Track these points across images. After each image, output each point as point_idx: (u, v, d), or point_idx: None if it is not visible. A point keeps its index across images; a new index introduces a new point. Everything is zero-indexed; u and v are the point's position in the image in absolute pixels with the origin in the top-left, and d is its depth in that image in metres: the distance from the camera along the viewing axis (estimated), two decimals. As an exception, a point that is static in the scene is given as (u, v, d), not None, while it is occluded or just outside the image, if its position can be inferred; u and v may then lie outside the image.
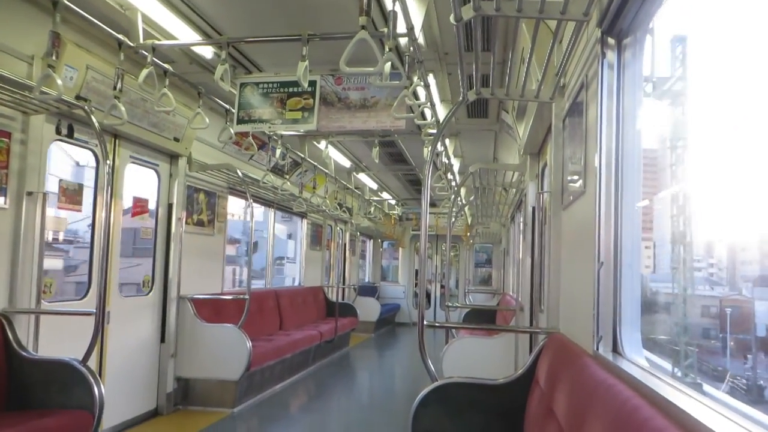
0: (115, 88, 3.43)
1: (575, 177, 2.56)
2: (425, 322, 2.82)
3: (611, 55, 2.01)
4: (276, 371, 6.11)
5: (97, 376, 3.12)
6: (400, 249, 14.68)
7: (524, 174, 5.04)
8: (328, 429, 5.06)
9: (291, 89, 4.29)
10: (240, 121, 4.37)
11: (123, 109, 3.41)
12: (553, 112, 3.07)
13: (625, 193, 1.97)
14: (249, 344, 5.04)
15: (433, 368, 2.80)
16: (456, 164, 7.46)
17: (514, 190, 6.52)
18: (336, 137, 6.51)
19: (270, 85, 4.32)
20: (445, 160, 6.29)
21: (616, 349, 1.85)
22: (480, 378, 2.78)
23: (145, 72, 3.41)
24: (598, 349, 1.89)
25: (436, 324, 3.52)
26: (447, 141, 6.50)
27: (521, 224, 5.45)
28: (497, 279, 13.72)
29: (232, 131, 4.54)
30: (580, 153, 2.45)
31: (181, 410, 5.05)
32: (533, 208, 4.67)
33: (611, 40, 2.02)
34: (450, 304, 6.43)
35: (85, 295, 4.07)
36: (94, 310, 3.19)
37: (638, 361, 1.72)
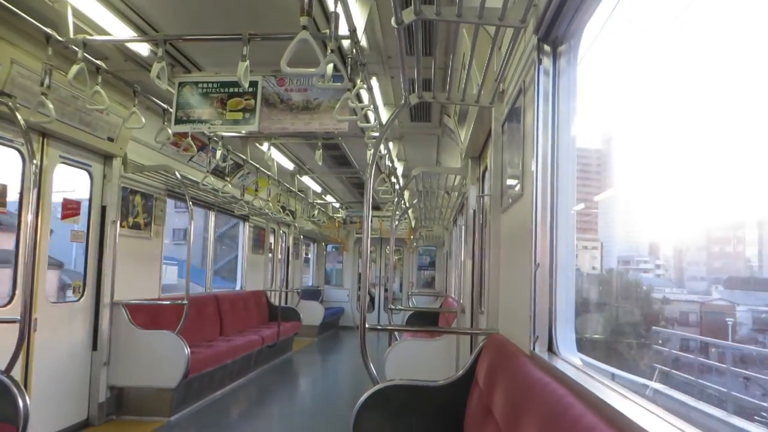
0: (42, 84, 3.26)
1: (514, 181, 2.62)
2: (367, 326, 2.81)
3: (547, 62, 2.07)
4: (216, 378, 5.97)
5: (22, 387, 2.94)
6: (344, 252, 14.64)
7: (466, 177, 5.13)
8: (269, 435, 4.98)
9: (232, 89, 4.20)
10: (178, 121, 4.24)
11: (51, 106, 3.25)
12: (493, 116, 3.14)
13: (560, 197, 2.04)
14: (187, 350, 4.89)
15: (374, 371, 2.80)
16: (399, 168, 7.52)
17: (456, 193, 6.63)
18: (279, 139, 6.44)
19: (210, 85, 4.22)
20: (388, 163, 6.32)
21: (551, 349, 1.90)
22: (421, 380, 2.80)
23: (75, 68, 3.26)
24: (534, 348, 1.94)
25: (379, 327, 3.53)
26: (390, 144, 6.54)
27: (462, 227, 5.54)
28: (440, 282, 13.92)
29: (169, 131, 4.41)
30: (518, 157, 2.52)
31: (114, 420, 4.85)
32: (474, 211, 4.76)
33: (547, 47, 2.08)
34: (393, 307, 6.46)
35: (9, 302, 3.84)
36: (19, 318, 3.01)
37: (572, 360, 1.77)
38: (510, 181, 2.76)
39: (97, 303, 4.84)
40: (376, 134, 5.10)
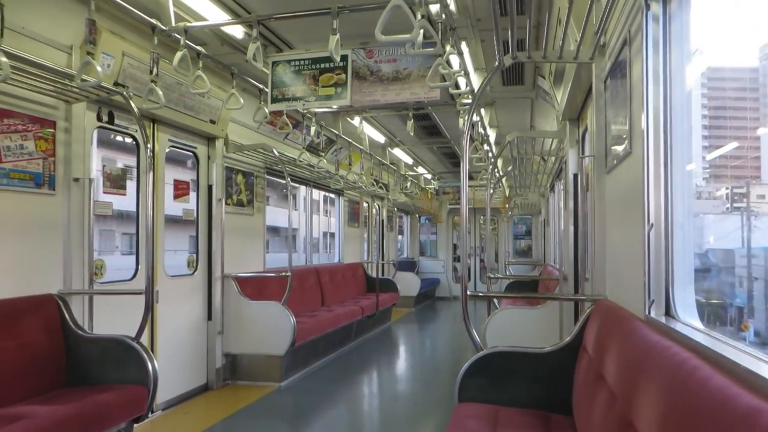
0: (151, 73, 3.47)
1: (620, 139, 2.48)
2: (468, 293, 2.79)
3: (656, 6, 1.91)
4: (320, 346, 6.22)
5: (150, 352, 3.23)
6: (438, 224, 14.62)
7: (563, 141, 4.91)
8: (375, 401, 5.13)
9: (323, 65, 4.26)
10: (274, 100, 4.38)
11: (160, 93, 3.46)
12: (594, 72, 2.96)
13: (674, 154, 1.89)
14: (293, 320, 5.13)
15: (477, 338, 2.79)
16: (492, 135, 7.34)
17: (553, 158, 6.38)
18: (369, 112, 6.48)
19: (302, 62, 4.30)
20: (480, 130, 6.19)
21: (669, 313, 1.79)
22: (525, 347, 2.76)
23: (179, 55, 3.44)
24: (650, 313, 1.84)
25: (480, 294, 3.46)
26: (482, 111, 6.39)
27: (562, 192, 5.34)
28: (537, 251, 13.56)
29: (266, 111, 4.57)
30: (624, 114, 2.37)
31: (230, 385, 5.20)
32: (574, 175, 4.56)
33: (656, -10, 1.92)
34: (491, 275, 6.38)
35: (134, 276, 4.20)
36: (143, 290, 3.28)
37: (693, 324, 1.66)
38: (615, 140, 2.61)
39: (209, 276, 5.18)
40: (468, 101, 5.00)
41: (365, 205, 10.21)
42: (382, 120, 7.19)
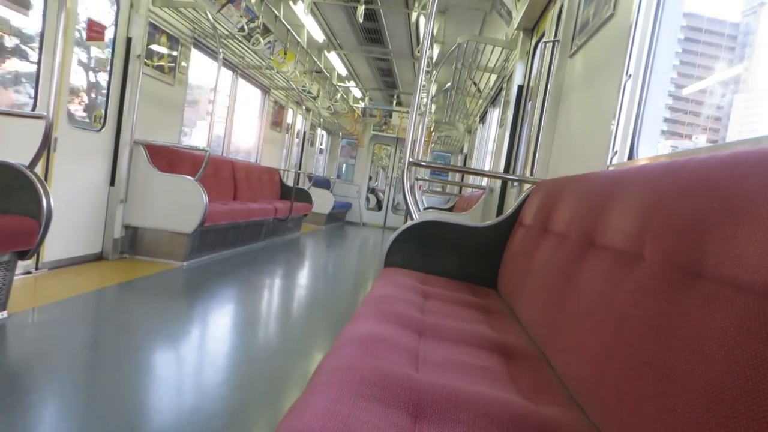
0: None
1: (592, 17, 2.39)
2: (411, 159, 2.66)
3: None
4: (228, 236, 5.95)
5: (45, 184, 2.86)
6: (359, 148, 14.43)
7: (513, 51, 4.84)
8: (281, 289, 5.00)
9: None
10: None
11: None
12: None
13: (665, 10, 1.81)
14: (205, 197, 4.82)
15: (412, 203, 2.69)
16: (435, 51, 7.17)
17: (492, 79, 6.33)
18: (315, -2, 6.06)
19: None
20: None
21: (631, 159, 1.75)
22: (459, 221, 2.69)
23: None
24: (611, 164, 1.79)
25: (422, 162, 3.22)
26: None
27: (499, 109, 5.32)
28: (453, 188, 13.79)
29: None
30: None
31: (127, 258, 4.85)
32: (519, 87, 4.52)
33: None
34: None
35: (34, 107, 3.69)
36: (45, 113, 2.87)
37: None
38: (584, 22, 2.52)
39: (117, 138, 4.71)
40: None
41: (290, 111, 9.78)
42: (326, 12, 6.78)
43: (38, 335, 2.71)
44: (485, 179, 5.64)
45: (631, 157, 1.76)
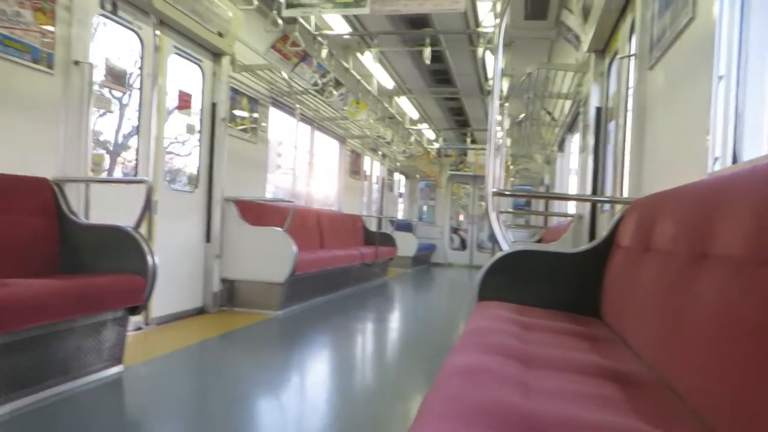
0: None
1: (669, 27, 2.30)
2: (493, 189, 2.62)
3: None
4: (319, 283, 6.07)
5: (149, 242, 3.05)
6: (438, 189, 14.46)
7: (586, 74, 4.73)
8: (375, 334, 5.00)
9: (344, -30, 4.04)
10: (289, 5, 4.15)
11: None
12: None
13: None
14: (294, 247, 4.96)
15: (502, 234, 2.63)
16: (505, 85, 7.14)
17: (567, 106, 6.20)
18: (382, 46, 6.24)
19: (322, -34, 4.08)
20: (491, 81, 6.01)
21: (736, 163, 1.64)
22: (550, 249, 2.60)
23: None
24: (714, 170, 1.68)
25: (506, 192, 3.11)
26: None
27: (579, 133, 5.17)
28: (537, 221, 13.44)
29: (279, 21, 4.35)
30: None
31: (226, 311, 5.05)
32: (597, 109, 4.40)
33: None
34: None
35: (135, 176, 3.99)
36: (146, 178, 3.09)
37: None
38: (661, 32, 2.43)
39: (209, 197, 4.98)
40: (489, 29, 4.81)
41: (367, 158, 10.01)
42: (393, 60, 6.96)
43: (151, 386, 2.85)
44: (571, 208, 5.46)
45: (735, 160, 1.64)
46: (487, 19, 4.42)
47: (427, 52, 5.12)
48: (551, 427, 0.91)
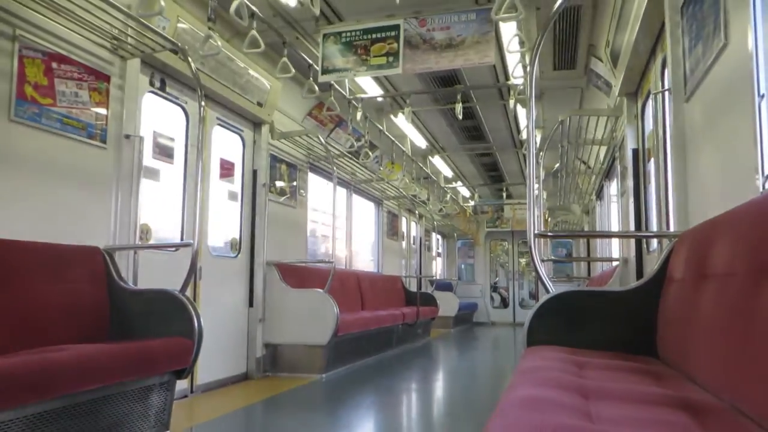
0: (209, 20, 3.45)
1: (702, 58, 2.31)
2: (536, 231, 2.59)
3: None
4: (362, 345, 5.99)
5: (195, 305, 3.10)
6: (476, 247, 14.34)
7: (619, 119, 4.73)
8: (422, 398, 4.86)
9: (374, 35, 4.23)
10: (324, 72, 4.34)
11: (218, 42, 3.43)
12: (666, 4, 2.82)
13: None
14: (336, 308, 4.95)
15: (546, 277, 2.58)
16: (537, 137, 7.19)
17: (602, 153, 6.18)
18: (415, 107, 6.40)
19: (353, 33, 4.28)
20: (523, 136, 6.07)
21: (790, 182, 1.59)
22: (599, 288, 2.53)
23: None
24: (765, 188, 1.63)
25: (549, 233, 3.07)
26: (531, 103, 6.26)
27: (617, 177, 5.12)
28: (580, 272, 13.12)
29: (315, 87, 4.54)
30: (709, 28, 2.21)
31: (270, 376, 5.00)
32: (634, 151, 4.37)
33: None
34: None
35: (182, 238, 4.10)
36: (192, 241, 3.18)
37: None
38: (694, 64, 2.44)
39: (251, 261, 5.06)
40: (519, 79, 4.90)
41: (404, 219, 10.07)
42: (425, 119, 7.12)
43: (198, 451, 2.81)
44: (615, 252, 5.34)
45: (787, 176, 1.60)
46: (517, 70, 4.51)
47: (459, 107, 5.22)
48: (622, 446, 0.86)
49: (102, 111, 3.37)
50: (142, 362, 2.66)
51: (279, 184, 5.55)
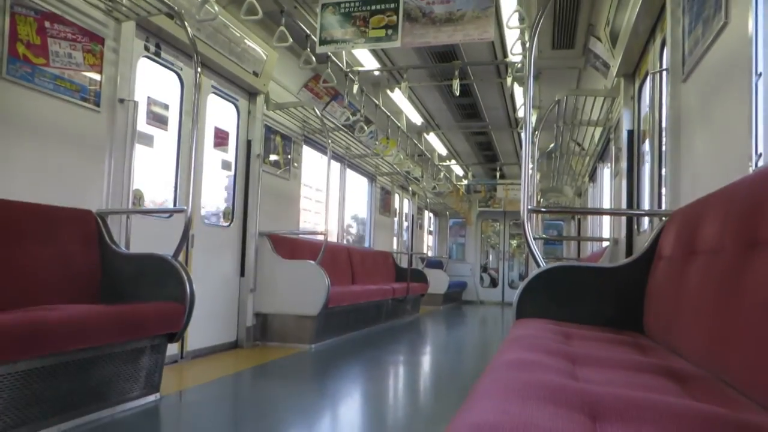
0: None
1: (701, 39, 2.31)
2: (529, 207, 2.61)
3: None
4: (351, 318, 6.04)
5: (187, 270, 3.10)
6: (468, 226, 14.40)
7: (616, 101, 4.73)
8: (417, 369, 4.92)
9: (374, 7, 4.18)
10: (322, 42, 4.30)
11: (215, 8, 3.38)
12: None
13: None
14: (327, 279, 4.97)
15: (538, 252, 2.60)
16: (533, 118, 7.18)
17: (596, 135, 6.19)
18: (412, 82, 6.36)
19: (352, 4, 4.22)
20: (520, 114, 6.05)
21: (783, 160, 1.61)
22: (590, 263, 2.56)
23: None
24: (756, 165, 1.65)
25: (542, 209, 3.08)
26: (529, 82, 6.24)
27: (612, 157, 5.14)
28: (570, 253, 13.23)
29: (312, 58, 4.50)
30: (710, 5, 2.21)
31: (260, 345, 5.04)
32: (629, 132, 4.39)
33: None
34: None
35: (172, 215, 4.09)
36: (185, 207, 3.17)
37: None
38: (693, 45, 2.44)
39: (244, 231, 5.06)
40: (518, 57, 4.88)
41: (396, 196, 10.07)
42: (422, 95, 7.08)
43: (187, 414, 2.86)
44: (606, 232, 5.38)
45: (780, 155, 1.62)
46: (516, 47, 4.48)
47: (456, 84, 5.20)
48: (607, 401, 0.88)
49: (96, 74, 3.33)
50: (133, 324, 2.68)
51: (273, 156, 5.52)
